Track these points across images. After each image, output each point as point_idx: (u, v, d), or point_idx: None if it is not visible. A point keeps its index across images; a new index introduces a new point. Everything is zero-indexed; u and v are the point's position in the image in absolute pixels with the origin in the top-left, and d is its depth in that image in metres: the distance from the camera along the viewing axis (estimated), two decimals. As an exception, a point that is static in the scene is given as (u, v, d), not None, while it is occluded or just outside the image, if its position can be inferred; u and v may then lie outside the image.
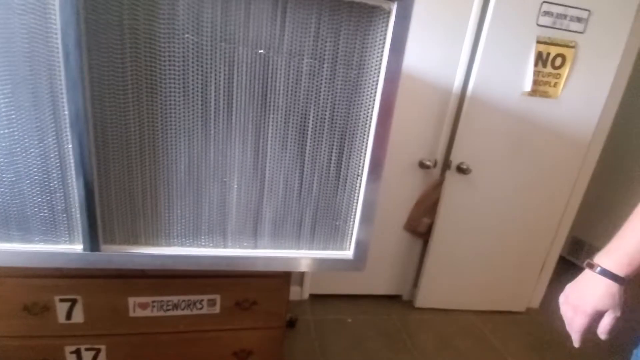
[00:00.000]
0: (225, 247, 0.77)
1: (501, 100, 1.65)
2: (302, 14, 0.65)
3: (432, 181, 1.82)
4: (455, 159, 1.72)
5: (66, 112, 0.62)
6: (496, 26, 1.52)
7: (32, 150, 0.63)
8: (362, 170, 0.76)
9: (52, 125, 0.63)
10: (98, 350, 1.09)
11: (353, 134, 0.74)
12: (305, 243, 0.80)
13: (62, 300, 1.00)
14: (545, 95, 1.66)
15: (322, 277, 1.94)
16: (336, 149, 0.75)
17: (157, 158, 0.69)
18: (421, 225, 1.86)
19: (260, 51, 0.65)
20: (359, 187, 0.77)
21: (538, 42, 1.57)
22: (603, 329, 0.62)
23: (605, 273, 0.61)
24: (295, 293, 1.91)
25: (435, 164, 1.80)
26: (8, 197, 0.66)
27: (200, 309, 1.12)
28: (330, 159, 0.75)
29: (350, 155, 0.75)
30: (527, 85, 1.63)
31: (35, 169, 0.65)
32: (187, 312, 1.11)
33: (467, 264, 1.92)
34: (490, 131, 1.68)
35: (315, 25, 0.66)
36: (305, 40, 0.66)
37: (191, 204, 0.73)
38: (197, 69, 0.64)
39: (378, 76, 0.70)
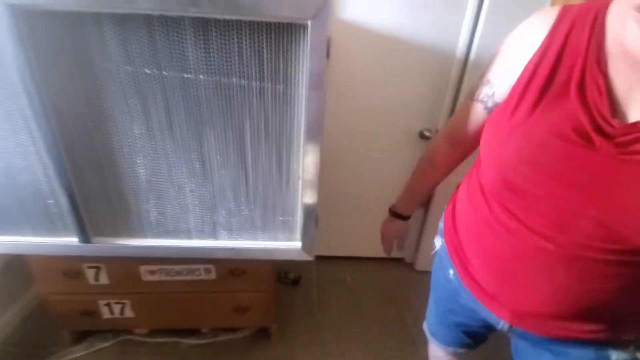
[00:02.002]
0: (189, 238, 0.91)
1: (509, 63, 1.51)
2: (223, 37, 0.68)
3: (434, 150, 1.79)
4: (457, 128, 1.66)
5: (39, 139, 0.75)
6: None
7: (22, 169, 0.79)
8: (301, 173, 0.83)
9: (32, 148, 0.77)
10: (124, 304, 1.36)
11: (289, 141, 0.80)
12: (259, 235, 0.91)
13: (89, 267, 1.25)
14: (561, 55, 1.48)
15: (328, 239, 2.08)
16: (275, 156, 0.81)
17: (120, 170, 0.81)
18: (422, 193, 1.88)
19: (185, 75, 0.71)
20: (300, 188, 0.84)
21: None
22: (397, 247, 1.03)
23: (394, 214, 0.98)
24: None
25: (437, 134, 1.76)
26: (16, 204, 0.84)
27: (199, 275, 1.32)
28: (271, 165, 0.82)
29: (289, 160, 0.82)
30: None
31: (29, 183, 0.81)
32: (188, 277, 1.32)
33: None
34: (495, 98, 1.58)
35: (238, 46, 0.69)
36: (230, 61, 0.71)
37: (155, 205, 0.86)
38: (136, 96, 0.73)
39: (304, 87, 0.73)
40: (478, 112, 0.68)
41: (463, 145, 0.78)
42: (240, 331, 1.56)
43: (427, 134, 1.73)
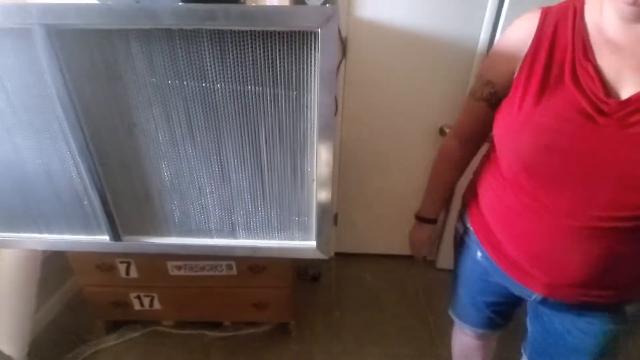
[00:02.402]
0: (211, 237, 0.96)
1: (532, 58, 1.47)
2: (237, 47, 0.72)
3: (454, 148, 1.77)
4: (478, 125, 1.63)
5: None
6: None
7: (58, 172, 0.87)
8: (315, 176, 0.85)
9: (68, 154, 0.84)
10: (152, 297, 1.45)
11: (302, 144, 0.82)
12: (275, 234, 0.95)
13: (120, 262, 1.34)
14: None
15: (348, 237, 2.10)
16: (290, 159, 0.84)
17: (146, 173, 0.87)
18: (442, 192, 1.86)
19: (204, 84, 0.75)
20: (314, 189, 0.87)
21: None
22: (427, 253, 1.13)
23: (420, 219, 0.99)
24: (322, 251, 2.12)
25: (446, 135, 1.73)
26: (57, 205, 0.92)
27: (221, 271, 1.38)
28: (286, 168, 0.86)
29: (302, 163, 0.85)
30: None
31: (67, 186, 0.89)
32: (211, 273, 1.39)
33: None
34: (518, 95, 1.54)
35: (252, 55, 0.73)
36: (245, 69, 0.74)
37: (178, 206, 0.92)
38: (160, 105, 0.78)
39: (315, 93, 0.75)
40: (483, 111, 0.74)
41: (472, 141, 0.84)
42: (260, 326, 1.62)
43: (447, 130, 1.71)
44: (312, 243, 0.95)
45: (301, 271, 1.96)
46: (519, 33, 0.65)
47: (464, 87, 1.64)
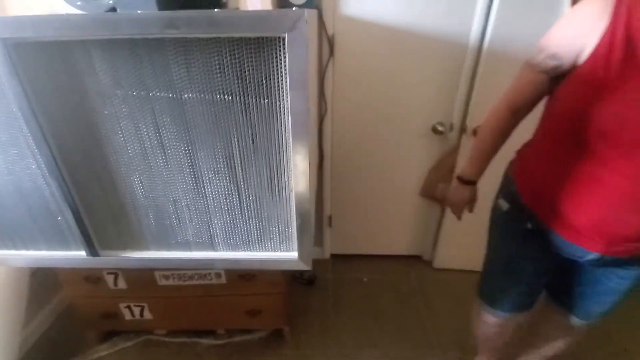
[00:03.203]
0: (190, 250, 0.93)
1: (528, 53, 1.41)
2: (203, 55, 0.68)
3: (448, 147, 1.72)
4: (472, 122, 1.59)
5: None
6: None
7: (29, 188, 0.84)
8: (292, 186, 0.82)
9: (38, 171, 0.82)
10: (143, 307, 1.43)
11: (278, 154, 0.79)
12: (256, 246, 0.92)
13: (108, 274, 1.32)
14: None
15: (343, 238, 2.07)
16: (265, 170, 0.81)
17: (119, 188, 0.84)
18: (437, 190, 1.82)
19: (170, 95, 0.72)
20: (293, 199, 0.84)
21: (576, -27, 1.26)
22: (469, 210, 1.15)
23: (463, 181, 1.07)
24: (317, 253, 2.10)
25: (451, 128, 1.68)
26: (30, 222, 0.90)
27: (210, 280, 1.36)
28: (262, 178, 0.82)
29: (279, 173, 0.81)
30: (561, 30, 1.36)
31: (39, 203, 0.86)
32: (200, 282, 1.37)
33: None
34: (512, 90, 1.49)
35: (219, 63, 0.69)
36: (212, 78, 0.71)
37: (154, 220, 0.89)
38: (127, 117, 0.75)
39: (287, 100, 0.72)
40: (542, 82, 0.81)
41: (523, 111, 0.89)
42: (255, 332, 1.60)
43: (440, 128, 1.67)
44: (294, 254, 0.91)
45: (296, 274, 1.94)
46: (590, 13, 0.68)
47: (455, 83, 1.59)
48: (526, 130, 0.93)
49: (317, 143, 1.72)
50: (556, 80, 0.79)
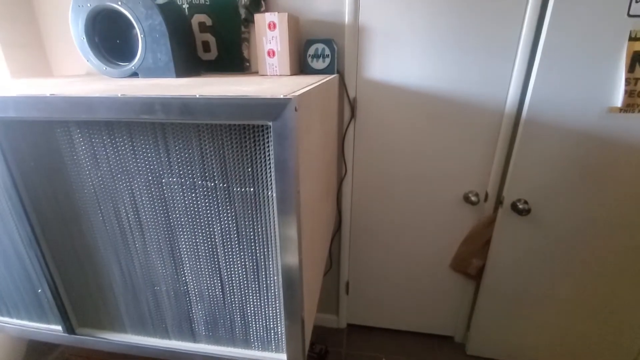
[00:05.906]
0: (169, 338, 0.83)
1: (573, 120, 1.25)
2: (183, 140, 0.62)
3: (483, 218, 1.53)
4: (510, 195, 1.40)
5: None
6: (561, 23, 1.14)
7: (15, 261, 0.81)
8: (280, 280, 0.71)
9: (20, 240, 0.78)
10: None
11: (264, 245, 0.69)
12: (240, 343, 0.80)
13: None
14: (646, 111, 1.19)
15: (362, 306, 1.88)
16: (250, 261, 0.71)
17: (97, 267, 0.78)
18: (471, 267, 1.60)
19: (150, 178, 0.66)
20: (281, 295, 0.72)
21: (632, 38, 1.11)
22: None
23: None
24: (331, 321, 1.91)
25: (486, 198, 1.50)
26: (14, 288, 0.86)
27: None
28: (247, 270, 0.72)
29: (266, 266, 0.71)
30: (617, 99, 1.19)
31: (22, 273, 0.82)
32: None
33: (532, 312, 1.58)
34: (557, 160, 1.31)
35: (199, 149, 0.63)
36: (192, 163, 0.64)
37: (132, 302, 0.81)
38: (107, 198, 0.70)
39: (274, 189, 0.63)
40: None
41: None
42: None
43: (472, 198, 1.49)
44: (282, 356, 0.78)
45: (307, 346, 1.75)
46: None
47: (491, 150, 1.43)
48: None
49: (335, 206, 1.61)
50: None
